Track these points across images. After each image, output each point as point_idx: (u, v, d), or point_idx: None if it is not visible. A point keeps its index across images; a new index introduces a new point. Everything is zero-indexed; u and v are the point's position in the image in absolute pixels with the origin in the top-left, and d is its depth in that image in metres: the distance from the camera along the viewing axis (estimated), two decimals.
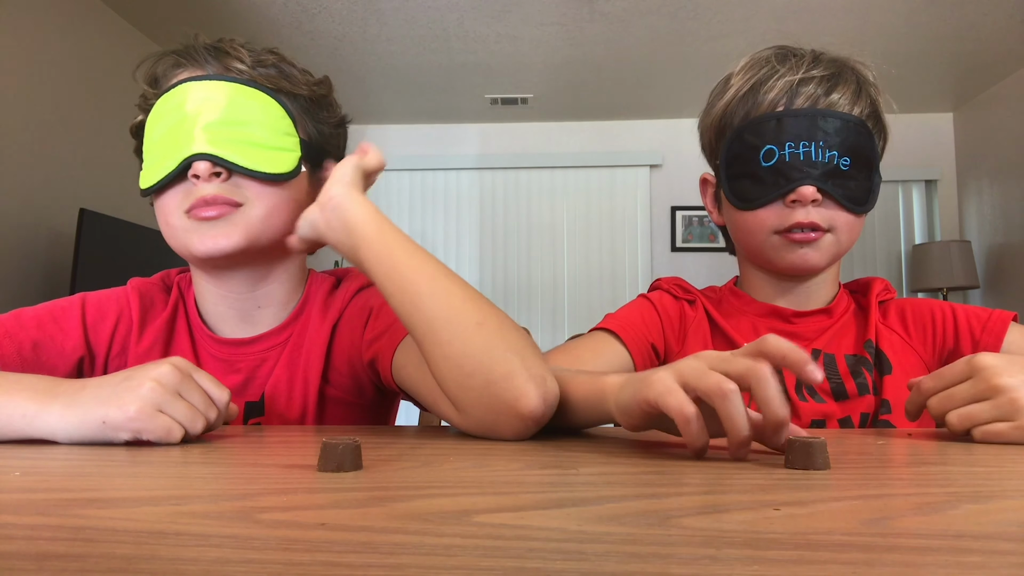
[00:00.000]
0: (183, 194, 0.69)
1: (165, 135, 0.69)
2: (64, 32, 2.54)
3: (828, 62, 0.80)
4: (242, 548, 0.24)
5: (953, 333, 0.80)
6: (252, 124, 0.70)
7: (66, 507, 0.31)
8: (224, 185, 0.68)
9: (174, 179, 0.69)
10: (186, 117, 0.68)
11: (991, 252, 3.59)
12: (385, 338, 0.71)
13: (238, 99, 0.70)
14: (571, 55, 3.26)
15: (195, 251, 0.69)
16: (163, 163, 0.69)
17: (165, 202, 0.70)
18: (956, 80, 3.50)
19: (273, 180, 0.70)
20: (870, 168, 0.78)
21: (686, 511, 0.30)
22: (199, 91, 0.69)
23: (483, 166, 4.21)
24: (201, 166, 0.67)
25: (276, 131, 0.71)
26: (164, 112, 0.70)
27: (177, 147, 0.68)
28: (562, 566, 0.22)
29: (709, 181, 0.89)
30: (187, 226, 0.69)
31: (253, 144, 0.69)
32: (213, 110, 0.68)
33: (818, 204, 0.76)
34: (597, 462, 0.45)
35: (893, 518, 0.29)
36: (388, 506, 0.31)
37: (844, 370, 0.79)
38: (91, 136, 2.66)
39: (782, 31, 2.94)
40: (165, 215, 0.71)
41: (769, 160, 0.77)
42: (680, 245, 4.09)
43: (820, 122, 0.76)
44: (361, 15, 2.89)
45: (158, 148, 0.70)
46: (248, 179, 0.69)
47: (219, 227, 0.68)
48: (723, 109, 0.82)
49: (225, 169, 0.68)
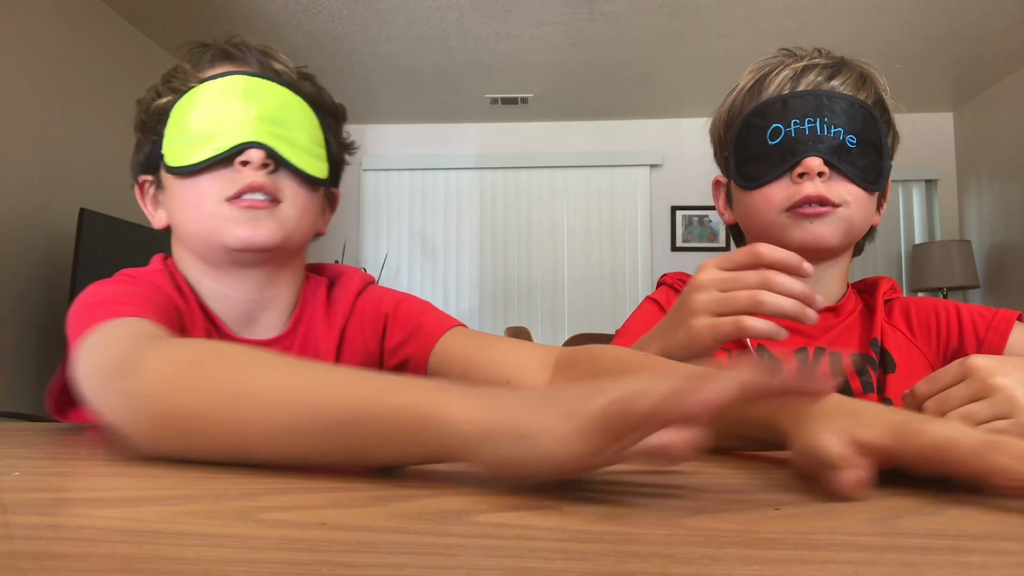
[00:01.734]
0: (227, 181, 0.67)
1: (211, 119, 0.68)
2: (64, 32, 2.54)
3: (831, 56, 0.82)
4: (242, 548, 0.24)
5: (957, 332, 0.80)
6: (297, 127, 0.71)
7: (66, 507, 0.31)
8: (270, 177, 0.68)
9: (217, 163, 0.67)
10: (238, 106, 0.68)
11: (991, 252, 3.59)
12: (413, 343, 0.72)
13: (287, 101, 0.71)
14: (571, 55, 3.26)
15: (228, 240, 0.67)
16: (206, 145, 0.67)
17: (200, 186, 0.68)
18: (956, 80, 3.50)
19: (312, 183, 0.72)
20: (878, 152, 0.78)
21: (686, 511, 0.30)
22: (252, 85, 0.69)
23: (483, 166, 4.21)
24: (256, 154, 0.67)
25: (314, 139, 0.73)
26: (211, 97, 0.69)
27: (227, 132, 0.67)
28: (562, 566, 0.22)
29: (721, 183, 0.90)
30: (225, 214, 0.67)
31: (297, 146, 0.70)
32: (267, 106, 0.69)
33: (826, 179, 0.76)
34: None
35: (893, 518, 0.29)
36: (388, 506, 0.31)
37: (849, 369, 0.79)
38: (91, 136, 2.66)
39: (782, 31, 2.94)
40: (197, 199, 0.68)
41: (775, 138, 0.78)
42: (680, 245, 4.09)
43: (825, 101, 0.77)
44: (361, 15, 2.89)
45: (198, 130, 0.68)
46: (289, 178, 0.70)
47: (260, 219, 0.67)
48: (730, 103, 0.85)
49: (274, 162, 0.68)
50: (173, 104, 0.70)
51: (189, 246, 0.72)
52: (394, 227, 4.25)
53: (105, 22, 2.78)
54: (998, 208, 3.54)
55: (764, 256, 0.57)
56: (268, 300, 0.75)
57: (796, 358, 0.83)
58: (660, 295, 0.89)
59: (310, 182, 0.72)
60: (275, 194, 0.68)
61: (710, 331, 0.58)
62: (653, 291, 0.92)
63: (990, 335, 0.77)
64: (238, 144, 0.66)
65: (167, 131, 0.70)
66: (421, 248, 4.24)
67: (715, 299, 0.58)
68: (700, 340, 0.59)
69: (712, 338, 0.58)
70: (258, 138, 0.67)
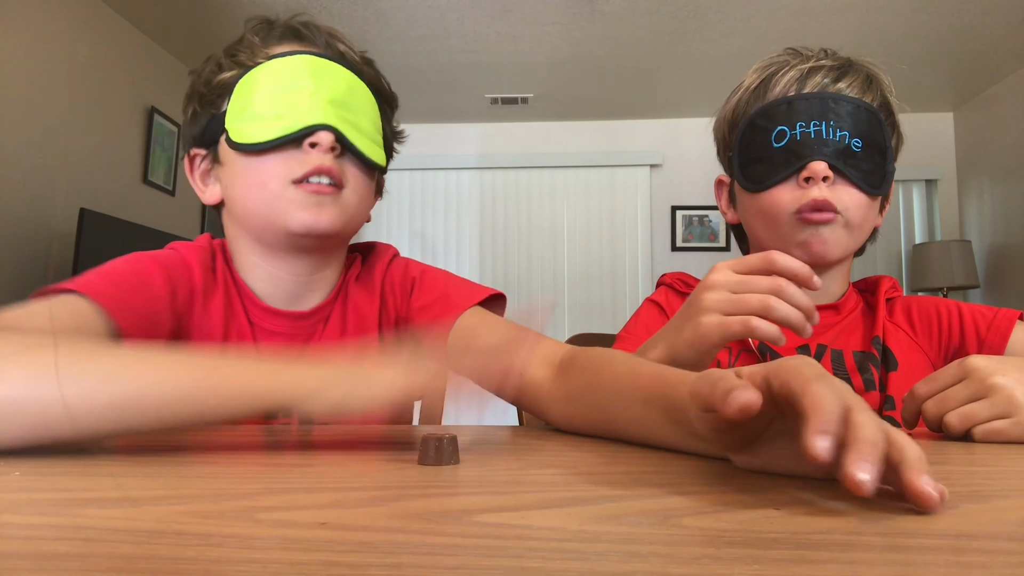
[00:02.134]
0: (296, 162, 0.66)
1: (278, 97, 0.67)
2: (65, 32, 2.54)
3: (837, 57, 0.82)
4: (242, 548, 0.24)
5: (959, 331, 0.80)
6: (361, 112, 0.71)
7: (66, 507, 0.31)
8: (336, 161, 0.68)
9: (285, 144, 0.66)
10: (307, 87, 0.67)
11: (991, 252, 3.59)
12: (438, 307, 0.75)
13: (354, 86, 0.71)
14: (571, 55, 3.26)
15: (291, 224, 0.67)
16: (274, 123, 0.66)
17: (266, 165, 0.67)
18: (956, 80, 3.50)
19: (372, 169, 0.72)
20: (883, 155, 0.78)
21: (686, 511, 0.30)
22: (321, 67, 0.69)
23: (483, 166, 4.21)
24: (325, 137, 0.66)
25: (375, 125, 0.73)
26: (278, 74, 0.68)
27: (296, 113, 0.66)
28: (562, 566, 0.22)
29: (724, 182, 0.90)
30: (291, 196, 0.66)
31: (362, 131, 0.70)
32: (336, 89, 0.69)
33: (830, 183, 0.76)
34: (597, 462, 0.45)
35: (893, 518, 0.29)
36: (388, 506, 0.31)
37: (851, 366, 0.79)
38: (91, 136, 2.66)
39: (782, 31, 2.94)
40: (263, 178, 0.67)
41: (780, 141, 0.78)
42: (680, 245, 4.09)
43: (831, 104, 0.77)
44: (361, 15, 2.89)
45: (265, 108, 0.67)
46: (352, 164, 0.70)
47: (324, 205, 0.67)
48: (735, 104, 0.84)
49: (341, 146, 0.68)
50: (239, 79, 0.69)
51: (246, 224, 0.71)
52: (394, 227, 4.25)
53: (105, 22, 2.78)
54: (998, 208, 3.54)
55: (778, 264, 0.59)
56: (316, 281, 0.75)
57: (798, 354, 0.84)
58: (660, 296, 0.89)
59: (371, 168, 0.72)
60: (340, 179, 0.68)
61: (718, 329, 0.60)
62: (653, 291, 0.92)
63: (991, 334, 0.77)
64: (309, 125, 0.66)
65: (231, 106, 0.69)
66: (421, 248, 4.24)
67: (727, 299, 0.60)
68: (707, 337, 0.60)
69: (720, 336, 0.60)
70: (328, 120, 0.67)
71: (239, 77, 0.69)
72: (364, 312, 0.77)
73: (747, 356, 0.81)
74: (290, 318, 0.74)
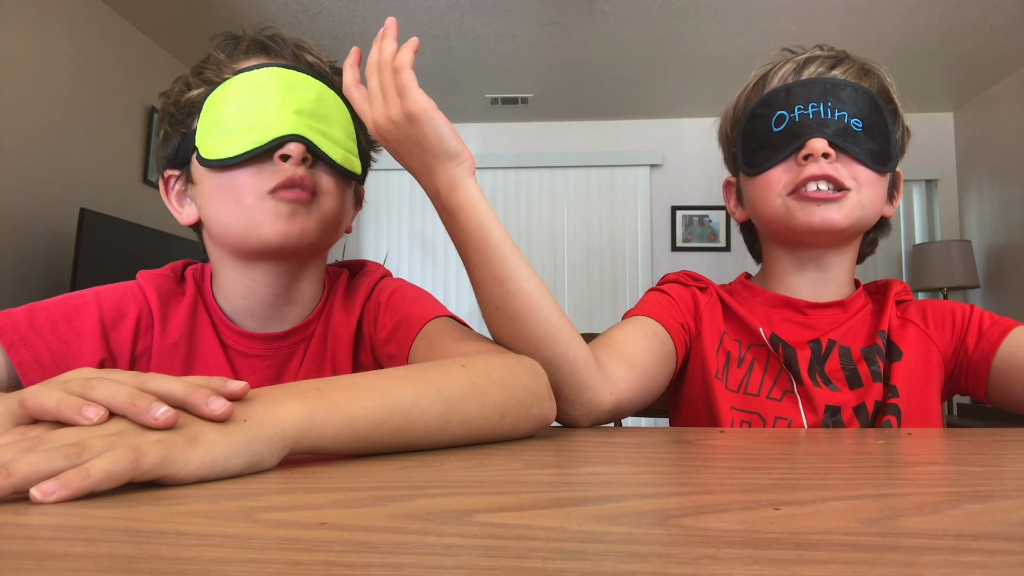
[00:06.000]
0: (267, 174, 0.67)
1: (247, 111, 0.67)
2: (64, 32, 2.54)
3: (832, 49, 0.84)
4: (242, 548, 0.24)
5: (963, 325, 0.81)
6: (333, 122, 0.71)
7: (66, 507, 0.31)
8: (308, 171, 0.68)
9: (255, 157, 0.66)
10: (276, 99, 0.67)
11: (991, 252, 3.59)
12: (394, 343, 0.71)
13: (323, 95, 0.71)
14: (571, 55, 3.26)
15: (267, 234, 0.67)
16: (243, 137, 0.66)
17: (238, 179, 0.67)
18: (956, 80, 3.50)
19: (347, 178, 0.72)
20: (886, 138, 0.78)
21: (686, 511, 0.30)
22: (289, 78, 0.69)
23: (483, 166, 4.21)
24: (296, 148, 0.66)
25: (348, 134, 0.72)
26: (245, 89, 0.68)
27: (265, 125, 0.66)
28: (562, 566, 0.22)
29: (731, 183, 0.91)
30: (266, 207, 0.66)
31: (334, 140, 0.70)
32: (304, 99, 0.69)
33: (832, 160, 0.76)
34: (597, 462, 0.45)
35: (893, 518, 0.29)
36: (388, 506, 0.31)
37: (859, 359, 0.80)
38: (91, 136, 2.66)
39: (782, 31, 2.94)
40: (236, 192, 0.67)
41: (780, 125, 0.79)
42: (680, 245, 4.09)
43: (829, 87, 0.78)
44: (361, 15, 2.89)
45: (234, 122, 0.67)
46: (325, 173, 0.70)
47: (298, 214, 0.67)
48: (736, 102, 0.87)
49: (313, 156, 0.68)
50: (206, 96, 0.69)
51: (222, 241, 0.71)
52: (394, 227, 4.25)
53: (106, 22, 2.78)
54: (998, 208, 3.54)
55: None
56: (293, 293, 0.74)
57: (809, 348, 0.84)
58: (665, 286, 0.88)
59: (345, 177, 0.72)
60: (313, 188, 0.68)
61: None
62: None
63: (994, 329, 0.79)
64: (278, 137, 0.66)
65: (200, 124, 0.69)
66: (421, 248, 4.24)
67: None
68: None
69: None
70: (298, 131, 0.67)
71: (207, 94, 0.69)
72: (340, 335, 0.75)
73: (756, 349, 0.82)
74: (264, 340, 0.73)
